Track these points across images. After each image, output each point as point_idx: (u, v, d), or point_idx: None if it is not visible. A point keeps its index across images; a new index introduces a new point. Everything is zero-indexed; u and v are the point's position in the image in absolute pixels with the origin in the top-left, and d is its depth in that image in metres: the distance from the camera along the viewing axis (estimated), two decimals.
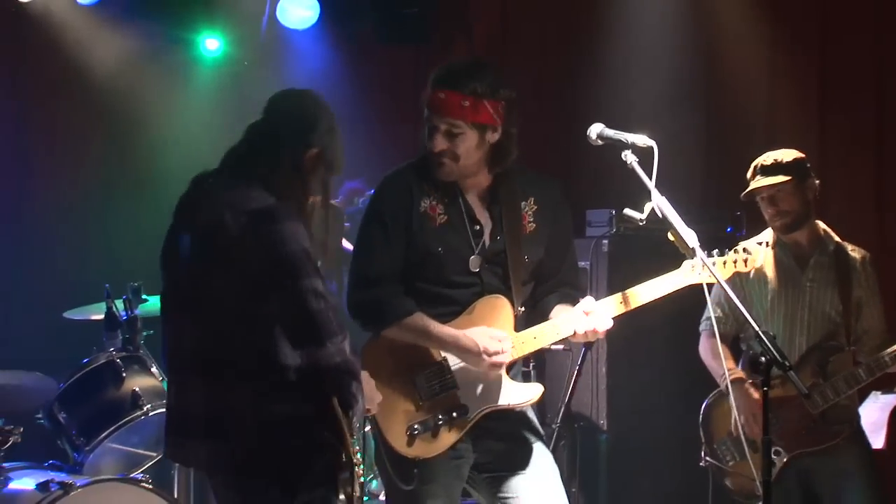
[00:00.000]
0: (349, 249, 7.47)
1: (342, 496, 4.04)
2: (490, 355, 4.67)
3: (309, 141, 4.19)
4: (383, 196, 4.85)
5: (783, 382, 5.09)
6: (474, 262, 4.78)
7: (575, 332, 4.73)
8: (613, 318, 4.74)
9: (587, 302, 4.74)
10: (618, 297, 4.78)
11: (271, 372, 3.95)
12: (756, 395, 5.64)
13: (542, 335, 4.78)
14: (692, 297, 4.85)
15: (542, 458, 4.86)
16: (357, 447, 4.10)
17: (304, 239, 4.00)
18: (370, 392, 4.37)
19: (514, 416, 4.86)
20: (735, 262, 4.89)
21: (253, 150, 4.19)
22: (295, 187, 4.15)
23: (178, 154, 8.52)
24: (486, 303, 4.78)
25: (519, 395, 4.79)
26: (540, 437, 4.92)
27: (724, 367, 5.57)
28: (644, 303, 4.78)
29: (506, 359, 4.70)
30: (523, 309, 4.84)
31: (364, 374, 4.30)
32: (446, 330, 4.71)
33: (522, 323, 4.83)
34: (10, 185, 8.49)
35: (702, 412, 5.97)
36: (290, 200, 4.10)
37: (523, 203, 4.85)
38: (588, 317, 4.69)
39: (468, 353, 4.69)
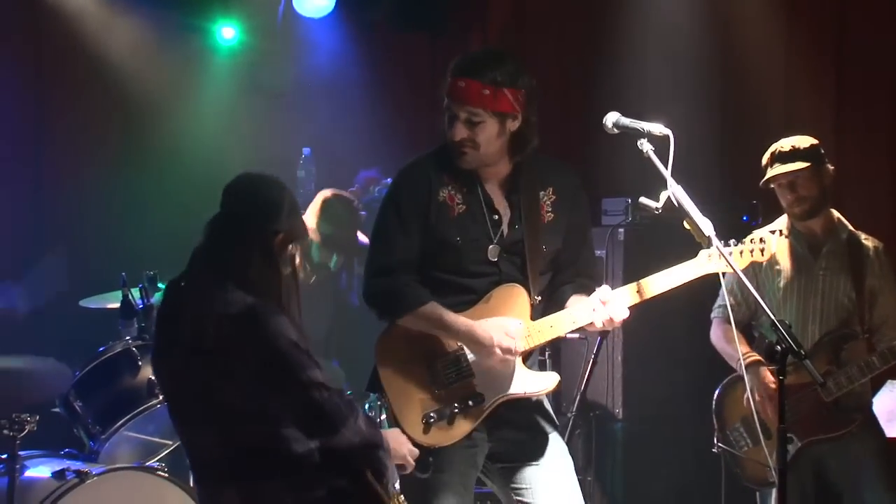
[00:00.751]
0: (364, 242, 7.50)
1: None
2: (502, 350, 4.66)
3: (275, 228, 4.10)
4: (401, 186, 4.85)
5: (797, 369, 5.09)
6: (493, 252, 4.77)
7: (592, 322, 4.73)
8: (629, 308, 4.73)
9: (603, 291, 4.73)
10: (633, 286, 4.77)
11: (294, 463, 3.96)
12: (771, 377, 5.64)
13: (559, 324, 4.78)
14: (707, 285, 4.86)
15: (556, 451, 4.86)
16: (402, 500, 4.14)
17: (291, 331, 3.97)
18: (399, 447, 4.35)
19: (530, 407, 4.86)
20: (752, 251, 4.88)
21: (220, 248, 4.11)
22: (268, 274, 4.08)
23: (193, 142, 8.54)
24: (503, 291, 4.78)
25: (535, 383, 4.79)
26: (555, 429, 4.92)
27: (738, 350, 5.59)
28: (660, 292, 4.77)
29: (516, 353, 4.70)
30: (540, 298, 4.83)
31: (395, 432, 4.36)
32: (461, 320, 4.70)
33: (539, 313, 4.81)
34: (27, 174, 8.51)
35: (715, 398, 5.98)
36: (267, 291, 4.04)
37: (542, 193, 4.85)
38: (605, 306, 4.69)
39: (480, 345, 4.68)
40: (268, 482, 3.98)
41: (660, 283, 4.77)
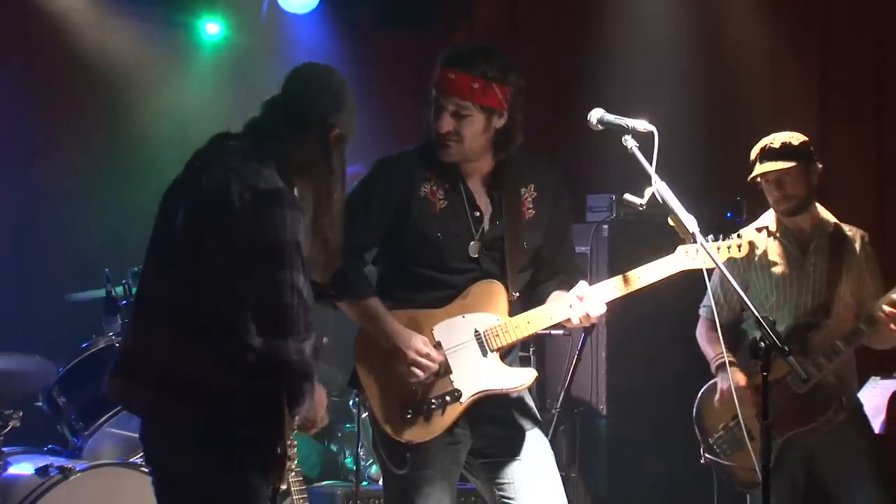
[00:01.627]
0: None
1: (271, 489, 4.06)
2: (410, 362, 4.65)
3: (335, 120, 4.14)
4: (378, 175, 4.84)
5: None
6: (474, 248, 4.77)
7: (569, 318, 4.73)
8: (608, 304, 4.73)
9: (581, 287, 4.73)
10: (611, 281, 4.77)
11: (234, 345, 3.91)
12: (740, 378, 5.64)
13: (536, 320, 4.78)
14: (692, 281, 4.84)
15: (538, 445, 4.85)
16: (294, 443, 4.09)
17: (299, 230, 3.96)
18: (320, 409, 4.30)
19: (511, 403, 4.86)
20: (729, 247, 4.87)
21: (276, 127, 4.14)
22: (314, 164, 4.12)
23: (178, 139, 8.51)
24: (481, 287, 4.78)
25: (512, 379, 4.79)
26: (537, 424, 4.91)
27: (714, 351, 5.63)
28: (639, 287, 4.76)
29: (424, 369, 4.66)
30: (518, 295, 4.83)
31: (322, 392, 4.28)
32: (392, 324, 4.69)
33: (517, 309, 4.82)
34: (12, 169, 8.49)
35: (694, 409, 5.97)
36: (306, 178, 4.08)
37: (523, 189, 4.84)
38: (582, 302, 4.69)
39: (396, 350, 4.66)
40: (199, 348, 3.95)
41: (638, 278, 4.76)
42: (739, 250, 4.88)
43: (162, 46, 8.98)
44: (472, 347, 4.75)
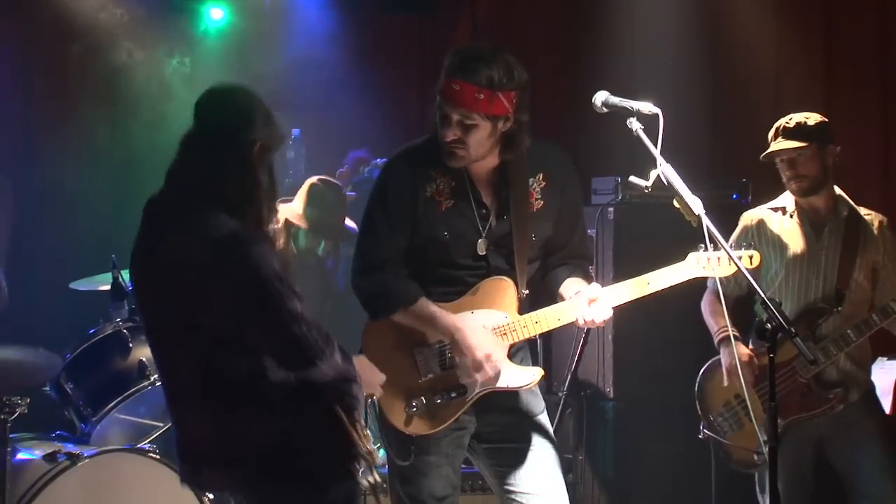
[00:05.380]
0: (352, 228, 7.48)
1: (365, 483, 4.08)
2: (483, 357, 4.68)
3: (251, 138, 4.04)
4: (387, 180, 4.82)
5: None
6: (481, 246, 4.77)
7: (576, 320, 4.75)
8: (619, 307, 4.76)
9: (593, 289, 4.76)
10: (621, 285, 4.79)
11: (268, 390, 3.95)
12: (744, 350, 5.64)
13: (544, 320, 4.79)
14: None
15: (541, 433, 4.88)
16: (369, 435, 4.14)
17: (274, 260, 3.95)
18: (371, 377, 4.35)
19: (518, 390, 4.87)
20: (740, 258, 4.84)
21: (197, 165, 4.06)
22: (248, 187, 4.03)
23: (181, 124, 8.49)
24: (491, 284, 4.78)
25: (518, 378, 4.80)
26: (542, 411, 4.93)
27: (718, 324, 5.65)
28: (650, 293, 4.78)
29: (486, 377, 4.70)
30: (528, 292, 4.83)
31: (362, 359, 4.34)
32: (450, 320, 4.70)
33: (527, 305, 4.83)
34: (16, 156, 8.49)
35: (697, 385, 5.96)
36: (248, 206, 4.01)
37: (531, 180, 4.82)
38: (589, 307, 4.70)
39: (462, 351, 4.69)
40: (240, 408, 3.97)
41: (647, 284, 4.79)
42: (751, 262, 4.87)
43: (166, 32, 8.98)
44: None
